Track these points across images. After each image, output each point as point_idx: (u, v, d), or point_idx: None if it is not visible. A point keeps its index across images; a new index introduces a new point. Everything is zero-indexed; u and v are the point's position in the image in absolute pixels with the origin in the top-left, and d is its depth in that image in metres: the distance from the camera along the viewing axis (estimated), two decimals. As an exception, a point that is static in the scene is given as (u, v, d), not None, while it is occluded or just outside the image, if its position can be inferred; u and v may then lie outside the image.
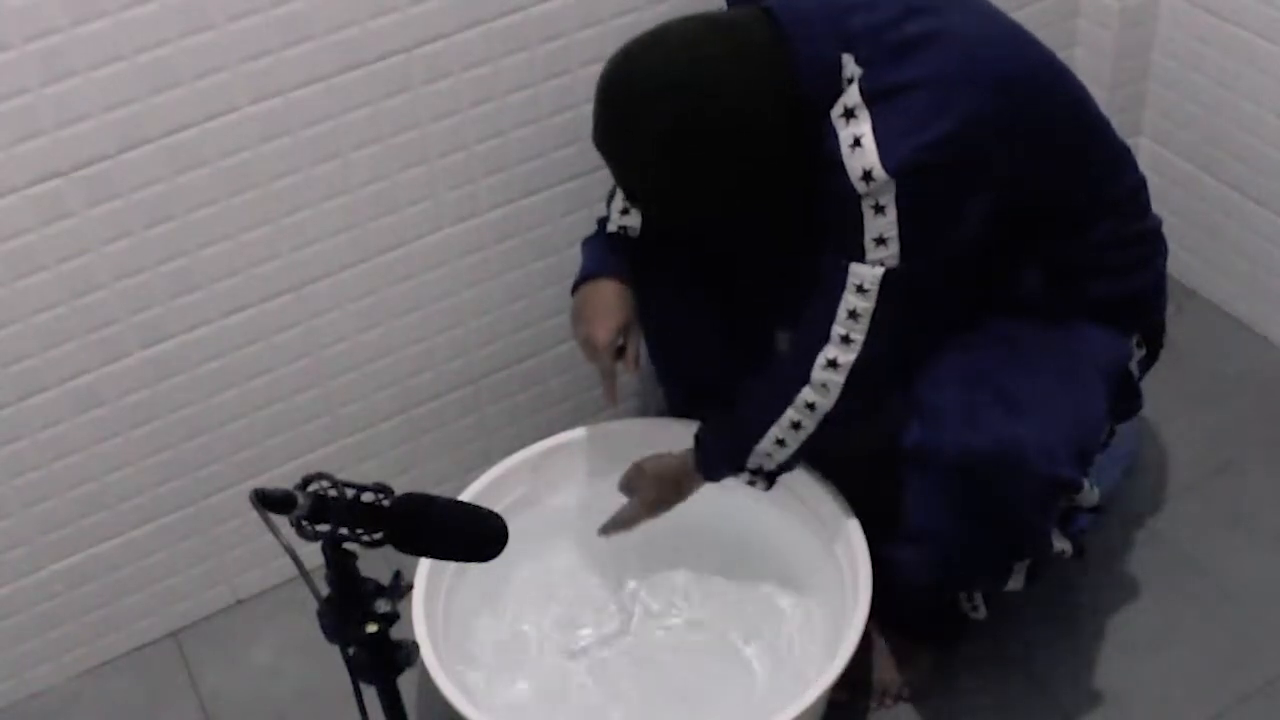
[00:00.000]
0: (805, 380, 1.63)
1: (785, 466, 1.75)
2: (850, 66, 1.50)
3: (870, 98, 1.48)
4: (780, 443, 1.70)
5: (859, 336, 1.58)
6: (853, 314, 1.56)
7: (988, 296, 1.71)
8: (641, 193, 1.66)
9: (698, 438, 1.81)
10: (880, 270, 1.52)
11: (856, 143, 1.47)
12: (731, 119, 1.51)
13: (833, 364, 1.60)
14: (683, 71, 1.51)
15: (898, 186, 1.47)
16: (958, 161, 1.49)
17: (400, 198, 1.89)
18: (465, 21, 1.79)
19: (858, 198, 1.48)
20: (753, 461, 1.74)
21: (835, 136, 1.49)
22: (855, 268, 1.53)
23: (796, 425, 1.67)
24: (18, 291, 1.72)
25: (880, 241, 1.51)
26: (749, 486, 1.79)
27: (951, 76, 1.48)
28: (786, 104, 1.51)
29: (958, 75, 1.49)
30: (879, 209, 1.49)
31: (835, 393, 1.62)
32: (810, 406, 1.65)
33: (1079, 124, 1.67)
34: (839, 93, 1.50)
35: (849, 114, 1.49)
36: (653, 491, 1.86)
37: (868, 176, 1.47)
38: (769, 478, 1.77)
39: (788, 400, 1.65)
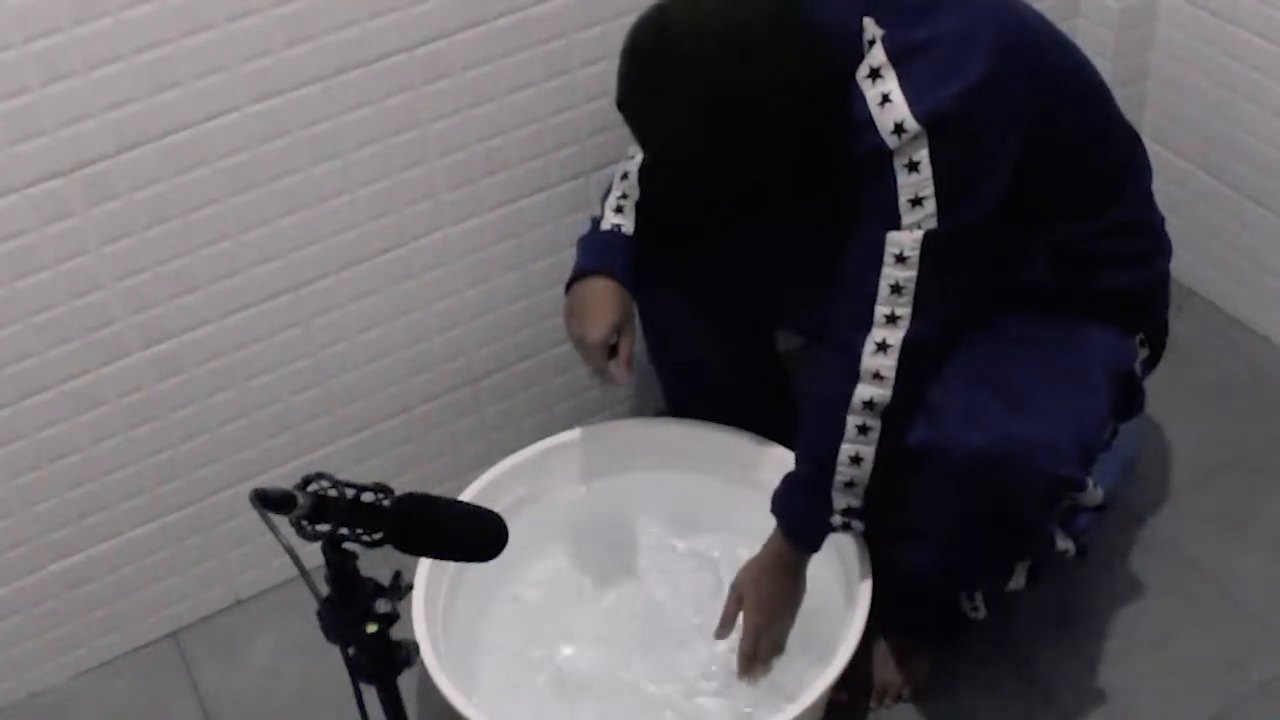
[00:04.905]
0: (856, 375, 1.55)
1: (871, 492, 1.61)
2: (871, 29, 1.50)
3: (895, 55, 1.47)
4: (855, 460, 1.59)
5: (905, 312, 1.52)
6: (895, 288, 1.51)
7: (997, 289, 1.71)
8: (668, 156, 1.62)
9: (774, 507, 1.69)
10: (919, 234, 1.49)
11: (885, 99, 1.47)
12: (764, 82, 1.49)
13: (882, 347, 1.54)
14: (717, 34, 1.49)
15: (930, 137, 1.45)
16: (986, 108, 1.48)
17: (400, 198, 1.89)
18: (465, 21, 1.79)
19: (889, 155, 1.47)
20: (838, 500, 1.63)
21: (862, 97, 1.48)
22: (893, 236, 1.49)
23: (864, 430, 1.57)
24: (18, 291, 1.72)
25: (916, 202, 1.48)
26: (845, 533, 1.67)
27: (974, 28, 1.49)
28: (814, 67, 1.51)
29: (980, 26, 1.49)
30: (912, 166, 1.47)
31: (891, 379, 1.54)
32: (869, 405, 1.56)
33: (1093, 92, 1.69)
34: (861, 56, 1.50)
35: (875, 74, 1.48)
36: (759, 591, 1.74)
37: (899, 129, 1.46)
38: (861, 515, 1.64)
39: (845, 405, 1.56)
